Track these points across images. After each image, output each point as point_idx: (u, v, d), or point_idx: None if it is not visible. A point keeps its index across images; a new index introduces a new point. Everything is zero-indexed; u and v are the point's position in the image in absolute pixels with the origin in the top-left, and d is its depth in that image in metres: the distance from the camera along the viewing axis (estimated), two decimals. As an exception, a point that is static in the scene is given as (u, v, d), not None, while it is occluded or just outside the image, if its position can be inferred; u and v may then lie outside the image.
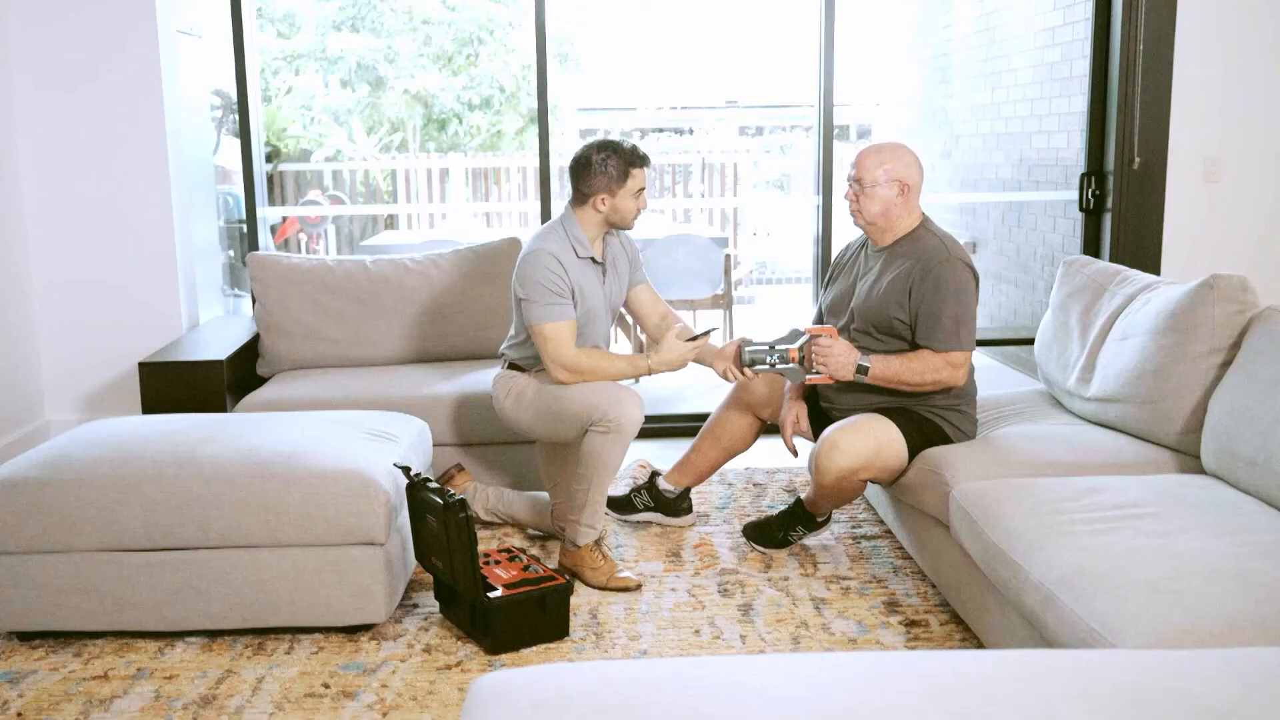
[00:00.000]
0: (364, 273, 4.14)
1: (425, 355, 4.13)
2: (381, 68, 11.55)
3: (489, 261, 4.18)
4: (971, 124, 7.21)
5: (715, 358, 3.22)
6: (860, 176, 3.10)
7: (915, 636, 2.83)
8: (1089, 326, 3.36)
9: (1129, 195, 4.47)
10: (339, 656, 2.74)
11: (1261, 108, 4.41)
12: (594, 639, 2.83)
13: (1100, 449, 3.00)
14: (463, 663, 2.70)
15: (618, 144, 3.19)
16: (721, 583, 3.16)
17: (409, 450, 3.09)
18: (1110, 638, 1.97)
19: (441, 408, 3.67)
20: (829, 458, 3.02)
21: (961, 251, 3.07)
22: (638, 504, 3.61)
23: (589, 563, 3.15)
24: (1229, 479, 2.68)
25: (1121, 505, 2.47)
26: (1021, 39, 6.33)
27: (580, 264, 3.21)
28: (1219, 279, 2.91)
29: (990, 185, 6.83)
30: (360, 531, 2.76)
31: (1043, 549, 2.32)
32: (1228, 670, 1.68)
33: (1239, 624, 1.93)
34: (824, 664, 1.77)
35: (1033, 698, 1.59)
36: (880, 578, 3.18)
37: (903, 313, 3.04)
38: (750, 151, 13.33)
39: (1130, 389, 3.04)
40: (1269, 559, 2.16)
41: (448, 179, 10.14)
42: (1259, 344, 2.72)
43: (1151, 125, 4.39)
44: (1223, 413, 2.73)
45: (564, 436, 3.19)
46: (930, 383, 3.02)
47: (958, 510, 2.73)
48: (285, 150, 10.52)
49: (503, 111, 12.30)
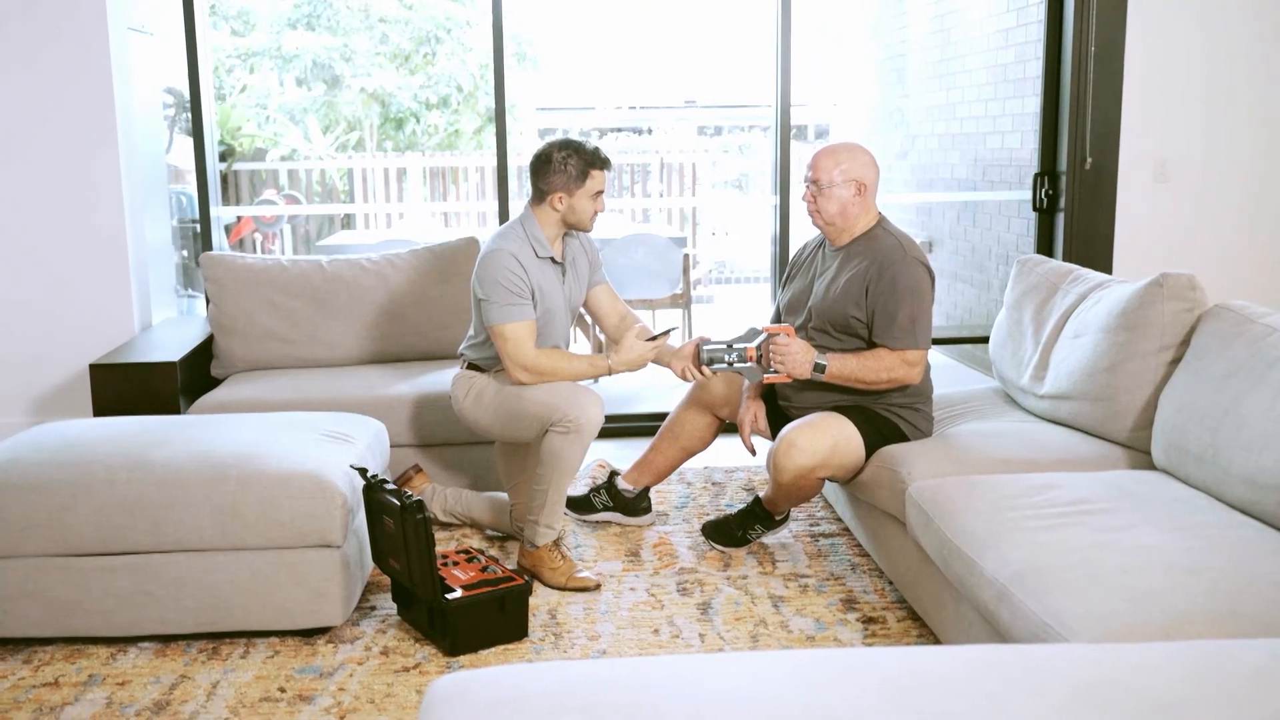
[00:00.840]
0: (320, 273, 4.11)
1: (382, 356, 4.11)
2: (338, 66, 11.47)
3: (447, 261, 4.16)
4: (927, 124, 7.28)
5: (673, 357, 3.23)
6: (817, 177, 3.11)
7: (873, 633, 2.85)
8: (1042, 325, 3.40)
9: (1081, 195, 4.52)
10: (295, 660, 2.72)
11: (1209, 110, 4.48)
12: (553, 639, 2.83)
13: (1053, 446, 3.03)
14: (421, 665, 2.69)
15: (580, 144, 3.18)
16: (680, 582, 3.16)
17: (365, 451, 3.06)
18: (1063, 632, 1.99)
19: (399, 409, 3.65)
20: (787, 456, 3.04)
21: (917, 251, 3.09)
22: (597, 504, 3.61)
23: (548, 563, 3.14)
24: (1179, 475, 2.72)
25: (1074, 501, 2.51)
26: (976, 40, 6.39)
27: (540, 264, 3.21)
28: (1168, 278, 2.95)
29: (946, 185, 6.89)
30: (316, 534, 2.74)
31: (997, 545, 2.34)
32: (1177, 663, 1.71)
33: (1188, 617, 1.96)
34: (782, 662, 1.78)
35: (986, 692, 1.61)
36: (838, 575, 3.20)
37: (859, 311, 3.06)
38: (709, 151, 13.36)
39: (1082, 386, 3.08)
40: (1217, 553, 2.19)
41: (405, 178, 10.08)
42: (1207, 341, 2.77)
43: (1102, 126, 4.45)
44: (1172, 409, 2.77)
45: (524, 437, 3.18)
46: (886, 381, 3.04)
47: (914, 507, 2.75)
48: (240, 149, 10.41)
49: (460, 111, 12.25)
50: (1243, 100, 4.47)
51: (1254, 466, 2.41)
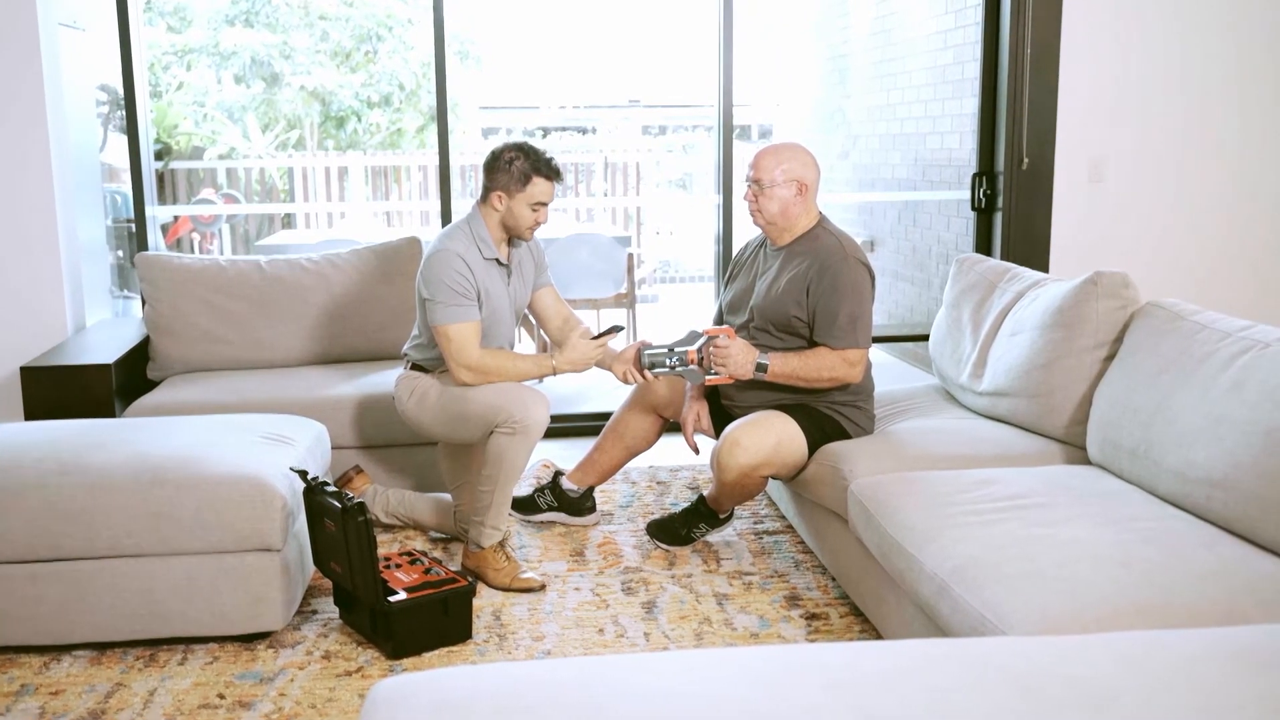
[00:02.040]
0: (259, 273, 4.05)
1: (324, 357, 4.06)
2: (277, 64, 11.32)
3: (389, 261, 4.13)
4: (869, 125, 7.34)
5: (615, 361, 3.22)
6: (758, 177, 3.13)
7: (816, 629, 2.87)
8: (981, 323, 3.45)
9: (1018, 195, 4.59)
10: (235, 666, 2.68)
11: (1142, 111, 4.57)
12: (497, 640, 2.82)
13: (992, 442, 3.08)
14: (363, 668, 2.66)
15: (533, 149, 3.15)
16: (625, 581, 3.17)
17: (306, 454, 3.03)
18: (1001, 625, 2.02)
19: (341, 410, 3.61)
20: (730, 455, 3.05)
21: (858, 250, 3.12)
22: (541, 504, 3.60)
23: (492, 564, 3.13)
24: (1113, 469, 2.78)
25: (1011, 496, 2.54)
26: (916, 42, 6.47)
27: (486, 265, 3.19)
28: (1102, 276, 3.01)
29: (887, 185, 6.97)
30: (256, 537, 2.70)
31: (936, 540, 2.37)
32: (1110, 654, 1.74)
33: (1122, 608, 2.00)
34: (725, 659, 1.78)
35: (926, 686, 1.63)
36: (782, 572, 3.22)
37: (801, 311, 3.08)
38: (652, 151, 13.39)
39: (1020, 383, 3.13)
40: (1149, 546, 2.24)
41: (346, 177, 9.98)
42: (1139, 338, 2.82)
43: (1039, 127, 4.52)
44: (1106, 405, 2.83)
45: (468, 438, 3.16)
46: (827, 380, 3.07)
47: (855, 504, 2.78)
48: (177, 147, 10.24)
49: (403, 109, 12.16)
50: (1175, 102, 4.57)
51: (1184, 460, 2.46)
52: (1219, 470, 2.35)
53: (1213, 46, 4.54)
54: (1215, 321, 2.65)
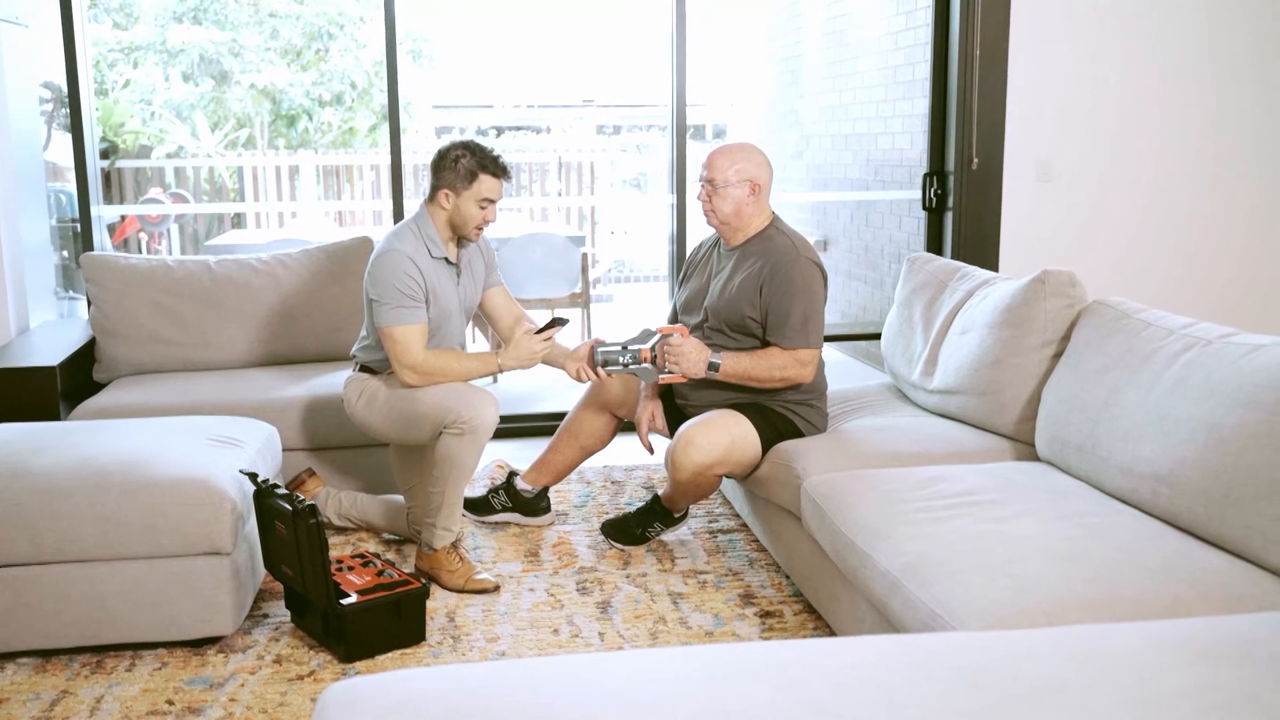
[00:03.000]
0: (207, 273, 4.01)
1: (273, 358, 4.02)
2: (226, 61, 11.19)
3: (340, 261, 4.09)
4: (822, 125, 7.39)
5: (568, 359, 3.22)
6: (712, 177, 3.14)
7: (770, 627, 2.89)
8: (932, 321, 3.48)
9: (968, 194, 4.64)
10: (184, 672, 2.64)
11: (1088, 112, 4.64)
12: (451, 642, 2.80)
13: (943, 439, 3.11)
14: (315, 672, 2.64)
15: (479, 147, 3.14)
16: (580, 581, 3.16)
17: (256, 456, 3.00)
18: (951, 621, 2.04)
19: (291, 412, 3.58)
20: (685, 454, 3.06)
21: (810, 250, 3.14)
22: (495, 504, 3.59)
23: (446, 565, 3.11)
24: (1061, 465, 2.81)
25: (962, 493, 2.57)
26: (867, 43, 6.52)
27: (434, 264, 3.17)
28: (1049, 274, 3.05)
29: (840, 185, 7.01)
30: (205, 541, 2.67)
31: (888, 537, 2.39)
32: (1058, 647, 1.77)
33: (1069, 603, 2.03)
34: (679, 658, 1.79)
35: (877, 681, 1.64)
36: (736, 571, 3.24)
37: (754, 311, 3.09)
38: (607, 150, 13.38)
39: (970, 381, 3.16)
40: (1096, 540, 2.27)
41: (298, 177, 9.88)
42: (1086, 336, 2.87)
43: (988, 128, 4.57)
44: (1054, 402, 2.87)
45: (418, 439, 3.14)
46: (780, 379, 3.08)
47: (808, 502, 2.79)
48: (124, 146, 10.09)
49: (355, 108, 12.06)
50: (1121, 102, 4.64)
51: (1130, 456, 2.50)
52: (1164, 466, 2.39)
53: (1158, 47, 4.62)
54: (1160, 319, 2.69)
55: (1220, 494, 2.23)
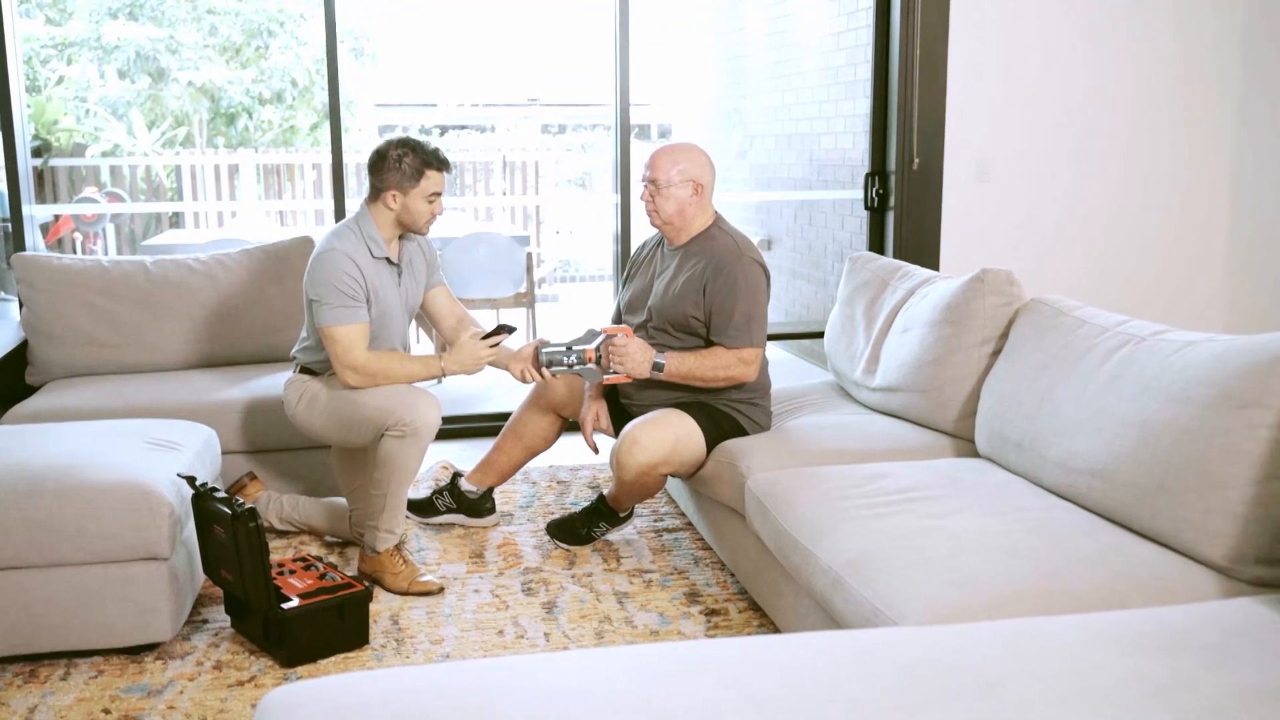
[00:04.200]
0: (144, 274, 3.94)
1: (212, 360, 3.96)
2: (163, 58, 11.00)
3: (280, 261, 4.04)
4: (765, 125, 7.43)
5: (512, 360, 3.20)
6: (655, 177, 3.14)
7: (715, 625, 2.90)
8: (874, 320, 3.51)
9: (909, 194, 4.69)
10: (121, 679, 2.59)
11: (1025, 113, 4.71)
12: (395, 645, 2.78)
13: (885, 436, 3.14)
14: (256, 678, 2.60)
15: (418, 143, 3.13)
16: (525, 582, 3.15)
17: (194, 459, 2.95)
18: (893, 616, 2.06)
19: (230, 414, 3.53)
20: (629, 453, 3.06)
21: (753, 250, 3.15)
22: (440, 506, 3.56)
23: (389, 568, 3.08)
24: (1000, 461, 2.85)
25: (903, 489, 2.60)
26: (809, 43, 6.56)
27: (375, 264, 3.14)
28: (988, 273, 3.09)
29: (784, 184, 7.06)
30: (141, 546, 2.62)
31: (831, 534, 2.41)
32: (998, 641, 1.80)
33: (1008, 596, 2.06)
34: (624, 657, 1.79)
35: (820, 677, 1.65)
36: (681, 569, 3.24)
37: (698, 311, 3.10)
38: (551, 150, 13.35)
39: (911, 378, 3.20)
40: (1034, 535, 2.31)
41: (237, 176, 9.74)
42: (1024, 333, 2.91)
43: (928, 128, 4.62)
44: (993, 399, 2.91)
45: (359, 441, 3.11)
46: (723, 379, 3.09)
47: (752, 500, 2.81)
48: (57, 144, 9.88)
49: (296, 106, 11.92)
50: (1057, 104, 4.72)
51: (1067, 451, 2.54)
52: (1099, 460, 2.43)
53: (1095, 49, 4.70)
54: (1095, 317, 2.74)
55: (1153, 488, 2.27)
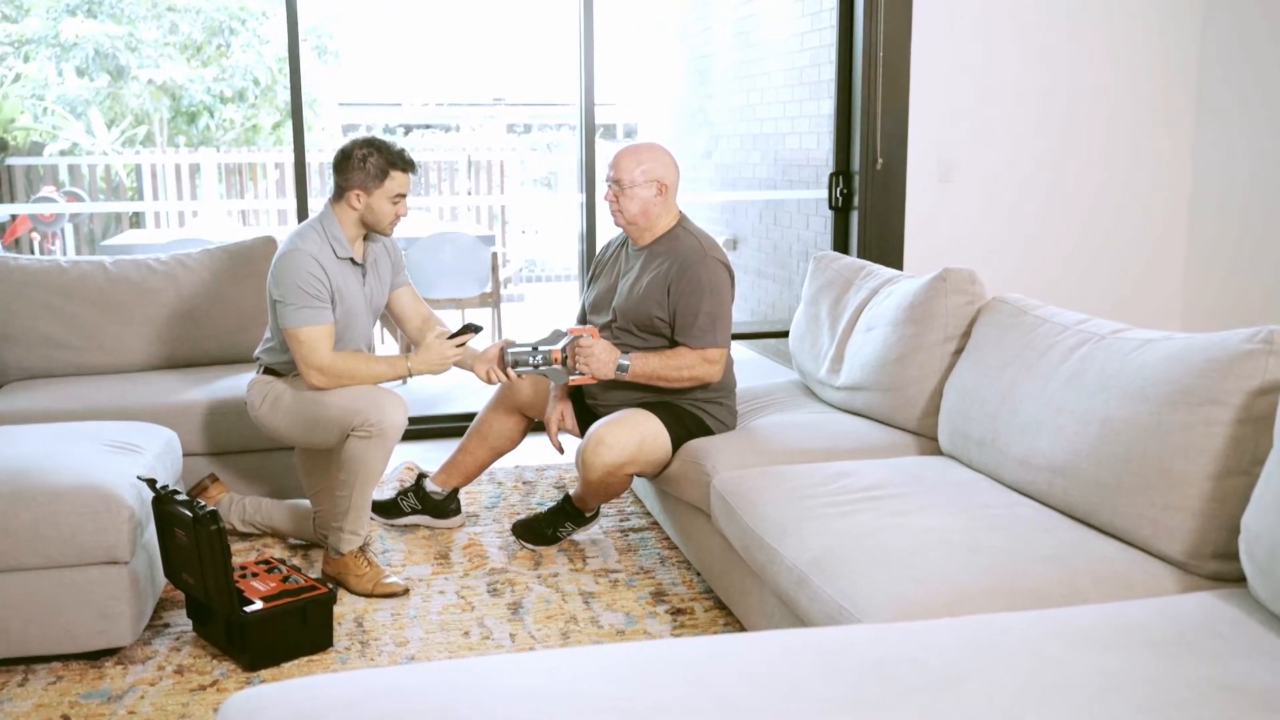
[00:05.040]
0: (103, 274, 3.89)
1: (174, 361, 3.92)
2: (123, 56, 10.86)
3: (242, 261, 4.01)
4: (730, 125, 7.45)
5: (477, 361, 3.19)
6: (619, 177, 3.14)
7: (681, 624, 2.90)
8: (838, 319, 3.53)
9: (873, 194, 4.71)
10: (80, 685, 2.56)
11: (987, 114, 4.75)
12: (359, 648, 2.76)
13: (849, 435, 3.16)
14: (219, 682, 2.58)
15: (384, 143, 3.11)
16: (491, 582, 3.14)
17: (155, 462, 2.92)
18: (856, 613, 2.07)
19: (192, 416, 3.49)
20: (595, 454, 3.06)
21: (718, 250, 3.16)
22: (405, 507, 3.54)
23: (353, 570, 3.07)
24: (962, 459, 2.88)
25: (867, 488, 2.61)
26: (774, 44, 6.59)
27: (340, 265, 3.12)
28: (950, 272, 3.12)
29: (749, 184, 7.08)
30: (101, 550, 2.59)
31: (796, 533, 2.42)
32: (959, 637, 1.81)
33: (970, 593, 2.08)
34: (589, 657, 1.79)
35: (784, 675, 1.66)
36: (648, 569, 3.25)
37: (662, 311, 3.10)
38: (517, 149, 13.31)
39: (875, 377, 3.22)
40: (995, 532, 2.33)
41: (199, 175, 9.64)
42: (986, 332, 2.93)
43: (891, 129, 4.65)
44: (956, 397, 2.93)
45: (324, 442, 3.09)
46: (687, 379, 3.10)
47: (718, 499, 2.81)
48: (14, 143, 9.74)
49: (258, 105, 11.82)
50: (1020, 104, 4.76)
51: (1028, 449, 2.56)
52: (1059, 458, 2.45)
53: (1056, 50, 4.74)
54: (1055, 315, 2.76)
55: (1113, 484, 2.30)
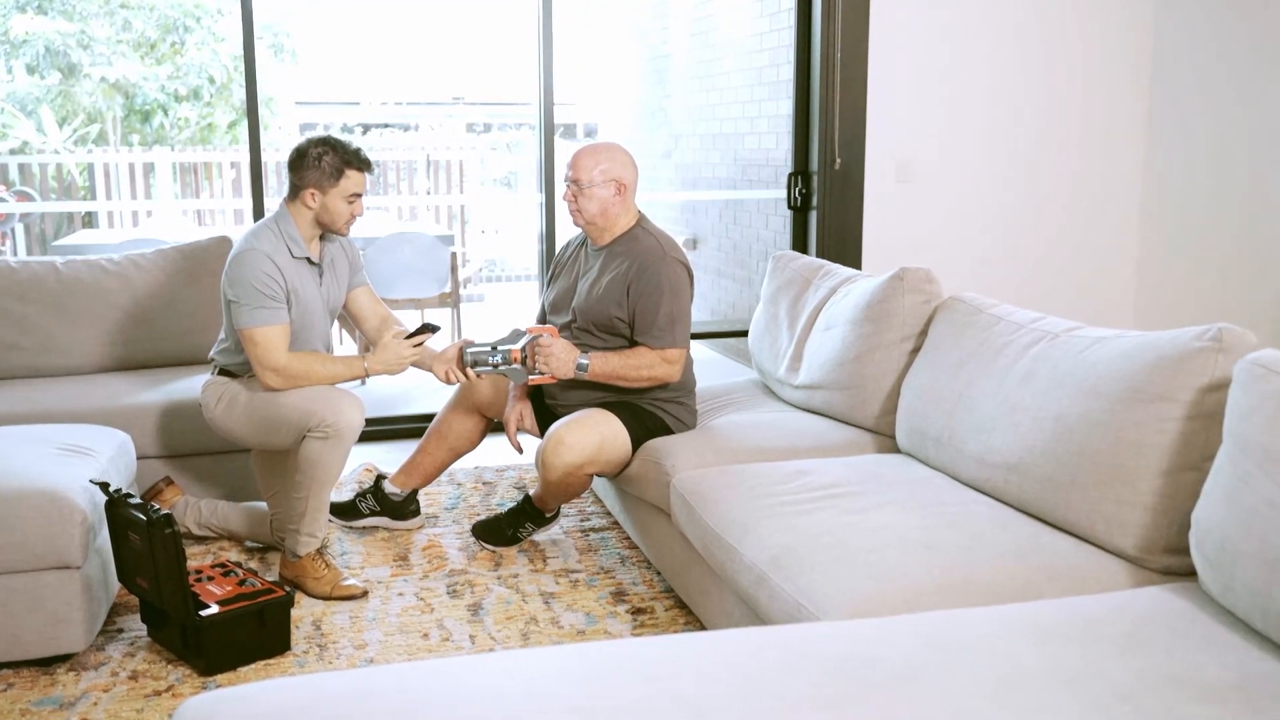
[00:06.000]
0: (54, 275, 3.83)
1: (127, 363, 3.87)
2: (74, 54, 10.71)
3: (197, 261, 3.96)
4: (690, 125, 7.46)
5: (435, 361, 3.17)
6: (577, 177, 3.14)
7: (641, 624, 2.90)
8: (797, 318, 3.55)
9: (832, 194, 4.74)
10: (31, 692, 2.52)
11: (944, 114, 4.79)
12: (318, 651, 2.74)
13: (808, 433, 3.17)
14: (174, 687, 2.55)
15: (340, 142, 3.09)
16: (451, 584, 3.13)
17: (108, 465, 2.88)
18: (815, 611, 2.08)
19: (146, 418, 3.45)
20: (555, 454, 3.05)
21: (677, 250, 3.17)
22: (363, 509, 3.52)
23: (311, 573, 3.04)
24: (920, 456, 2.90)
25: (825, 486, 2.63)
26: (733, 44, 6.60)
27: (295, 264, 3.09)
28: (907, 272, 3.14)
29: (709, 184, 7.09)
30: (53, 555, 2.55)
31: (754, 531, 2.43)
32: (916, 633, 1.83)
33: (926, 589, 2.09)
34: (548, 657, 1.79)
35: (743, 673, 1.67)
36: (608, 569, 3.24)
37: (621, 311, 3.10)
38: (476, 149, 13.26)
39: (833, 376, 3.23)
40: (952, 529, 2.35)
41: (153, 174, 9.52)
42: (942, 331, 2.96)
43: (850, 129, 4.68)
44: (913, 395, 2.95)
45: (281, 444, 3.06)
46: (647, 379, 3.10)
47: (678, 498, 2.82)
48: (-38, 142, 9.58)
49: (214, 104, 11.69)
50: (976, 105, 4.80)
51: (984, 446, 2.59)
52: (1015, 455, 2.48)
53: (1012, 52, 4.79)
54: (1010, 314, 2.79)
55: (1067, 481, 2.33)
